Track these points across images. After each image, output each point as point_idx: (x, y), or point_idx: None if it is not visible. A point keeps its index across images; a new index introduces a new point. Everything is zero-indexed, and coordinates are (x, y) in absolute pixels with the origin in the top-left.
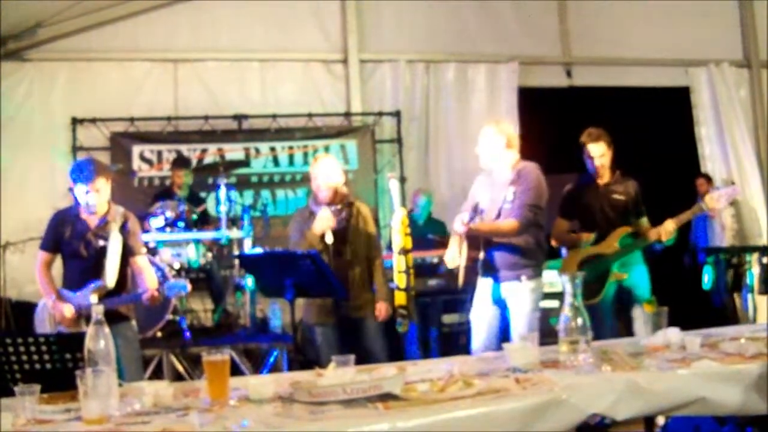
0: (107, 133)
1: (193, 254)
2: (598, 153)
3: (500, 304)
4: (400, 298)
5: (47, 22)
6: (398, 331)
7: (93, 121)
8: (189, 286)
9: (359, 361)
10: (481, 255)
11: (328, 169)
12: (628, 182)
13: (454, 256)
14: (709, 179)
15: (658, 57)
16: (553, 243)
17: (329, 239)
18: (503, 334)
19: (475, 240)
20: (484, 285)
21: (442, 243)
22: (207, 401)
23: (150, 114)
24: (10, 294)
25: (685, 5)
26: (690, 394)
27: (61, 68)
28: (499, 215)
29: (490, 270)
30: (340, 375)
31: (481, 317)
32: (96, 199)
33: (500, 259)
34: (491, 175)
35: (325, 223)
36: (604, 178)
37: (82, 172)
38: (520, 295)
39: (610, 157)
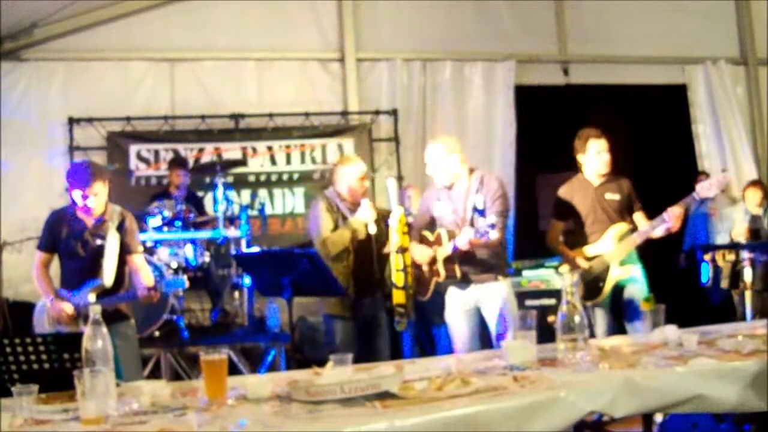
0: (104, 132)
1: (190, 253)
2: (604, 148)
3: (477, 306)
4: (399, 297)
5: (43, 21)
6: (396, 329)
7: (90, 120)
8: (187, 283)
9: (369, 359)
10: (458, 269)
11: (362, 171)
12: (621, 181)
13: (424, 254)
14: (708, 177)
15: (654, 55)
16: (549, 245)
17: (373, 230)
18: (483, 336)
19: (451, 257)
20: (458, 290)
21: (437, 241)
22: (205, 401)
23: (147, 113)
24: (7, 294)
25: (682, 3)
26: (687, 392)
27: (57, 68)
28: (471, 223)
29: (467, 279)
30: (338, 374)
31: (459, 321)
32: (93, 202)
33: (476, 266)
34: (447, 188)
35: (369, 212)
36: (599, 177)
37: (79, 176)
38: (504, 295)
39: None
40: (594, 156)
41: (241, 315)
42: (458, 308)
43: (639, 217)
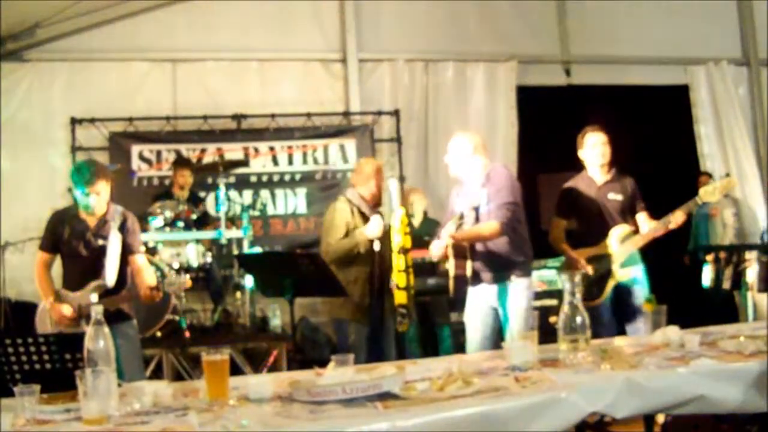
0: (106, 133)
1: (192, 254)
2: (601, 141)
3: (493, 305)
4: (400, 297)
5: (46, 22)
6: (398, 330)
7: (92, 121)
8: (189, 282)
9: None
10: (469, 266)
11: (380, 165)
12: (625, 180)
13: (440, 247)
14: (711, 178)
15: (656, 55)
16: (551, 243)
17: (377, 246)
18: (498, 335)
19: (461, 250)
20: (475, 288)
21: None
22: (206, 401)
23: (149, 114)
24: (10, 294)
25: (684, 4)
26: (689, 393)
27: (60, 68)
28: (477, 220)
29: (480, 278)
30: (340, 374)
31: (475, 320)
32: (96, 201)
33: (489, 264)
34: (464, 183)
35: (379, 229)
36: (601, 173)
37: (83, 175)
38: (513, 295)
39: (610, 152)
40: (590, 149)
41: (242, 315)
42: (475, 307)
43: (642, 217)
